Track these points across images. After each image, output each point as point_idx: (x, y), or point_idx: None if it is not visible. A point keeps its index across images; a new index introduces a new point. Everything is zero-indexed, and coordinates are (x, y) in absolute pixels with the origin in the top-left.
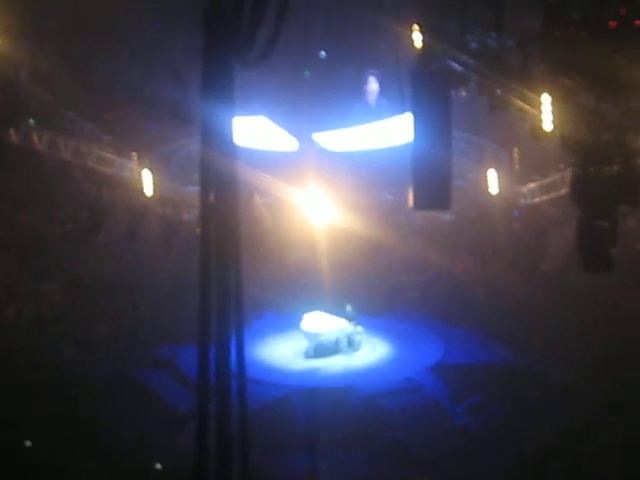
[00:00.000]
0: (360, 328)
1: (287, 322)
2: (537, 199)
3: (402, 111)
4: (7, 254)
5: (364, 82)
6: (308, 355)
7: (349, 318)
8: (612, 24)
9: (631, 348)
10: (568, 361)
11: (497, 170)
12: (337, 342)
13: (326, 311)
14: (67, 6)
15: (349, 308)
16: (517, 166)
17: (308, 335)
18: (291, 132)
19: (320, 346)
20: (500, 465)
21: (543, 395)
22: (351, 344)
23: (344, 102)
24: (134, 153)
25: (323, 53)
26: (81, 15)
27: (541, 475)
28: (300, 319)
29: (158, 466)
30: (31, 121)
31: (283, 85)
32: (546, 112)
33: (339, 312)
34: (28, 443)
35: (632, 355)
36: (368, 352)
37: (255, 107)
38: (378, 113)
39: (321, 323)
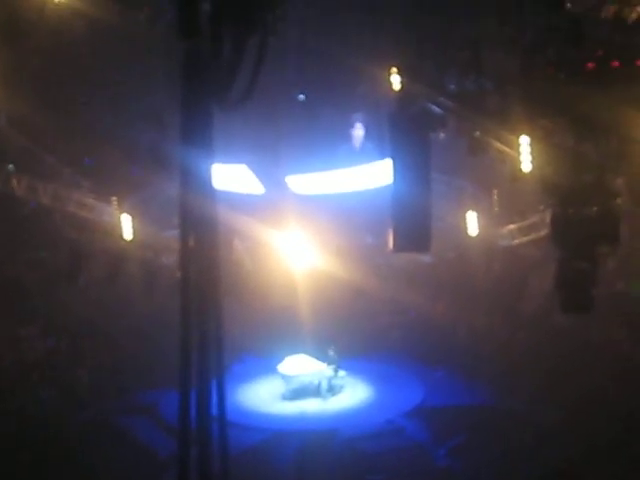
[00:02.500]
0: (342, 372)
1: (268, 365)
2: (517, 240)
3: (385, 155)
4: None
5: (349, 126)
6: (285, 398)
7: (330, 362)
8: (590, 65)
9: (615, 389)
10: (551, 402)
11: (476, 212)
12: (315, 385)
13: (308, 354)
14: (46, 52)
15: (331, 352)
16: (497, 208)
17: (285, 377)
18: (263, 176)
19: (297, 389)
20: None
21: (526, 436)
22: (331, 388)
23: (327, 145)
24: (114, 198)
25: (302, 96)
26: (60, 61)
27: None
28: (280, 362)
29: None
30: (10, 166)
31: (262, 130)
32: (525, 153)
33: (321, 355)
34: None
35: (616, 396)
36: (349, 395)
37: (234, 155)
38: (363, 157)
39: (299, 366)
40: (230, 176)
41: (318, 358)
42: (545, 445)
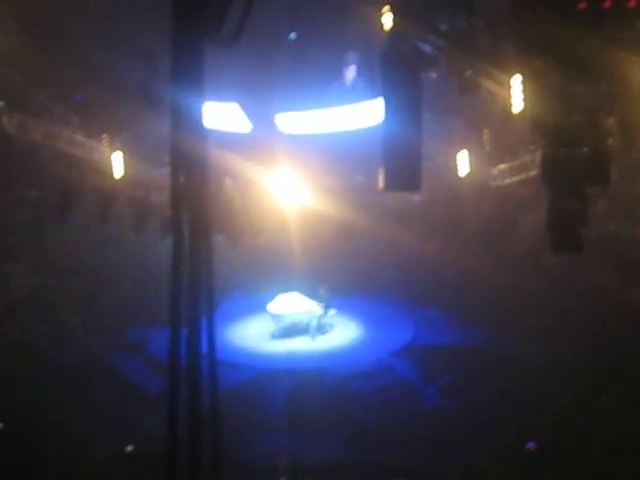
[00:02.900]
0: (332, 311)
1: (257, 304)
2: (508, 180)
3: (376, 94)
4: None
5: (341, 64)
6: (274, 336)
7: (321, 300)
8: (581, 6)
9: (604, 330)
10: (540, 342)
11: (467, 151)
12: (305, 324)
13: (299, 293)
14: None
15: (323, 291)
16: (487, 147)
17: (274, 316)
18: (252, 114)
19: (287, 327)
20: (471, 447)
21: (515, 376)
22: (321, 327)
23: (318, 84)
24: (104, 135)
25: (293, 35)
26: None
27: (513, 456)
28: (270, 301)
29: (129, 449)
30: (0, 103)
31: (253, 69)
32: (516, 93)
33: (312, 294)
34: None
35: (606, 336)
36: (339, 334)
37: (226, 93)
38: (354, 96)
39: (289, 304)
40: (219, 114)
41: (309, 297)
42: (533, 384)
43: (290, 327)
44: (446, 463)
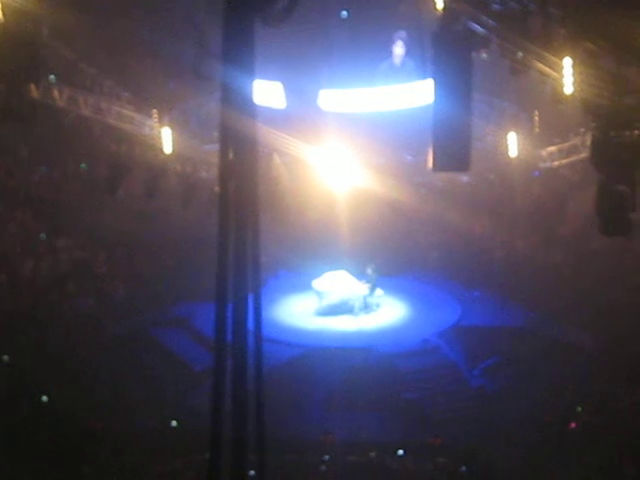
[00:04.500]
0: (379, 290)
1: (303, 281)
2: (557, 163)
3: (426, 74)
4: (24, 209)
5: (391, 43)
6: (319, 314)
7: (368, 280)
8: None
9: None
10: (587, 324)
11: (517, 133)
12: (350, 303)
13: (346, 271)
14: None
15: (370, 270)
16: (537, 129)
17: (320, 294)
18: (301, 93)
19: (332, 305)
20: (515, 427)
21: (560, 358)
22: (366, 306)
23: (368, 62)
24: (154, 110)
25: (345, 13)
26: None
27: (557, 437)
28: (316, 278)
29: (173, 424)
30: (52, 77)
31: (300, 46)
32: (567, 75)
33: (360, 273)
34: (44, 398)
35: None
36: (386, 313)
37: (271, 71)
38: (404, 75)
39: (334, 283)
40: (266, 92)
41: (356, 276)
42: (579, 366)
43: (336, 305)
44: (489, 443)
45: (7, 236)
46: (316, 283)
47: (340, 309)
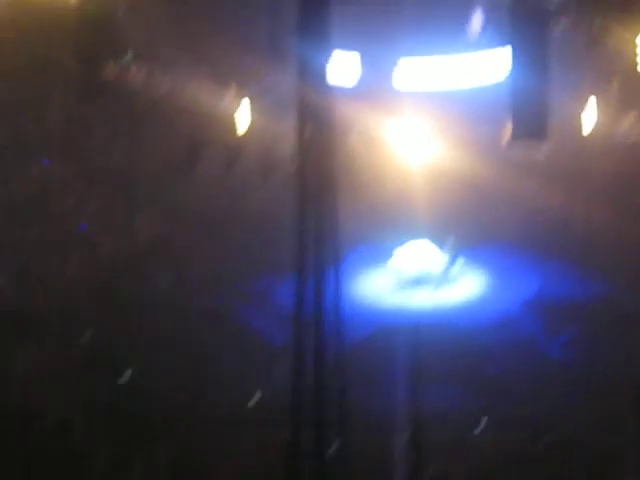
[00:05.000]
0: (460, 261)
1: (383, 255)
2: (637, 132)
3: (505, 41)
4: (104, 186)
5: (470, 12)
6: (400, 288)
7: (448, 251)
8: None
9: None
10: None
11: (596, 102)
12: (431, 275)
13: (426, 242)
14: None
15: (450, 241)
16: (616, 98)
17: (400, 267)
18: (370, 65)
19: (412, 278)
20: (597, 401)
21: None
22: (447, 278)
23: (445, 31)
24: (231, 87)
25: None
26: None
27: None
28: (395, 253)
29: (256, 398)
30: (129, 55)
31: (376, 17)
32: None
33: (439, 244)
34: (127, 374)
35: None
36: (464, 286)
37: (347, 42)
38: (482, 43)
39: (415, 255)
40: (342, 63)
41: (436, 246)
42: None
43: (416, 278)
44: (570, 419)
45: (87, 214)
46: (397, 256)
47: (420, 282)
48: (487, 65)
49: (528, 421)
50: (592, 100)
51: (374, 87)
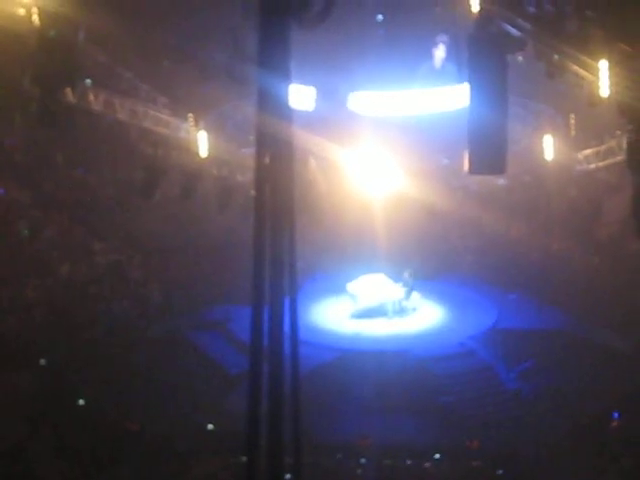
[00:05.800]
0: (415, 294)
1: (339, 284)
2: (593, 165)
3: (464, 77)
4: (60, 213)
5: (430, 46)
6: (355, 317)
7: (405, 284)
8: None
9: None
10: (623, 327)
11: (553, 136)
12: (385, 306)
13: (382, 274)
14: None
15: (406, 274)
16: (573, 132)
17: (355, 297)
18: (334, 97)
19: (368, 309)
20: (551, 430)
21: (597, 361)
22: (402, 310)
23: (404, 66)
24: (190, 114)
25: (380, 17)
26: None
27: (594, 440)
28: (352, 282)
29: (210, 427)
30: (88, 81)
31: (337, 50)
32: (603, 78)
33: (396, 277)
34: (81, 401)
35: None
36: (421, 317)
37: (304, 74)
38: (443, 78)
39: (370, 286)
40: (297, 95)
41: (392, 279)
42: (615, 369)
43: (371, 309)
44: (526, 446)
45: (44, 240)
46: (352, 286)
47: (376, 312)
48: (446, 96)
49: (483, 451)
50: (550, 132)
51: (330, 115)
